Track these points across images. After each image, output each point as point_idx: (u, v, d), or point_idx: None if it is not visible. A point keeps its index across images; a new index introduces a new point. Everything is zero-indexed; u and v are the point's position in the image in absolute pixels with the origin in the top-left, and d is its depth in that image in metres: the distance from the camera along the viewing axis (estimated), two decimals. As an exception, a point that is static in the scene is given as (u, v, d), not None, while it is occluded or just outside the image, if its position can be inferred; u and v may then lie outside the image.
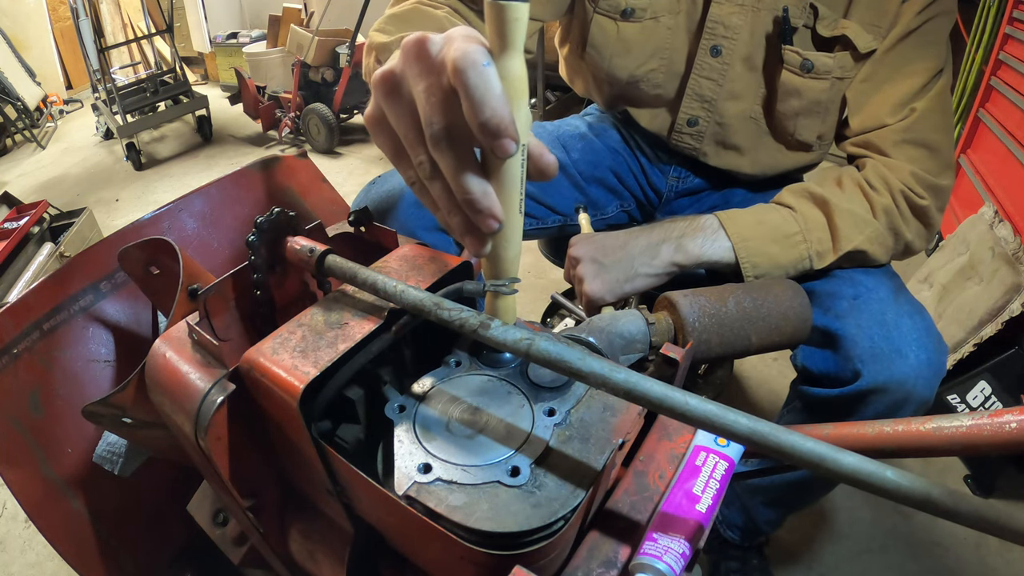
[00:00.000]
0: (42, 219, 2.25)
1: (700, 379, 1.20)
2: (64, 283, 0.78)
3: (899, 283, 0.81)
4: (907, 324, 0.72)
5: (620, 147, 1.10)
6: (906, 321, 0.72)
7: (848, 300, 0.76)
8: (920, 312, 0.75)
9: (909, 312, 0.74)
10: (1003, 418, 0.40)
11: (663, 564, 0.40)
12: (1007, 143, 1.67)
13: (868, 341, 0.71)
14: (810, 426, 0.53)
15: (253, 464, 0.54)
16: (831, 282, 0.79)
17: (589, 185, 1.08)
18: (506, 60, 0.37)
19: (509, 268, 0.45)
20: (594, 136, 1.10)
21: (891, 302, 0.75)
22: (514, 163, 0.39)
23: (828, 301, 0.77)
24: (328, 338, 0.49)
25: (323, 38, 3.28)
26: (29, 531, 1.28)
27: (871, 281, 0.78)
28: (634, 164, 1.10)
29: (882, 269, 0.82)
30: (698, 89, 0.92)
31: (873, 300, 0.75)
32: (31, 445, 0.72)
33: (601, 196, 1.10)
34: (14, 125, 3.80)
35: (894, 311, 0.73)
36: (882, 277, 0.79)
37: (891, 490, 0.33)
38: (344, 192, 1.15)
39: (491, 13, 0.36)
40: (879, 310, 0.74)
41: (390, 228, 0.64)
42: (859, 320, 0.73)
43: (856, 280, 0.78)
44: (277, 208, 0.54)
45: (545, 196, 1.05)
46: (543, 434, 0.45)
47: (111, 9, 4.52)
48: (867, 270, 0.80)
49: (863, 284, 0.78)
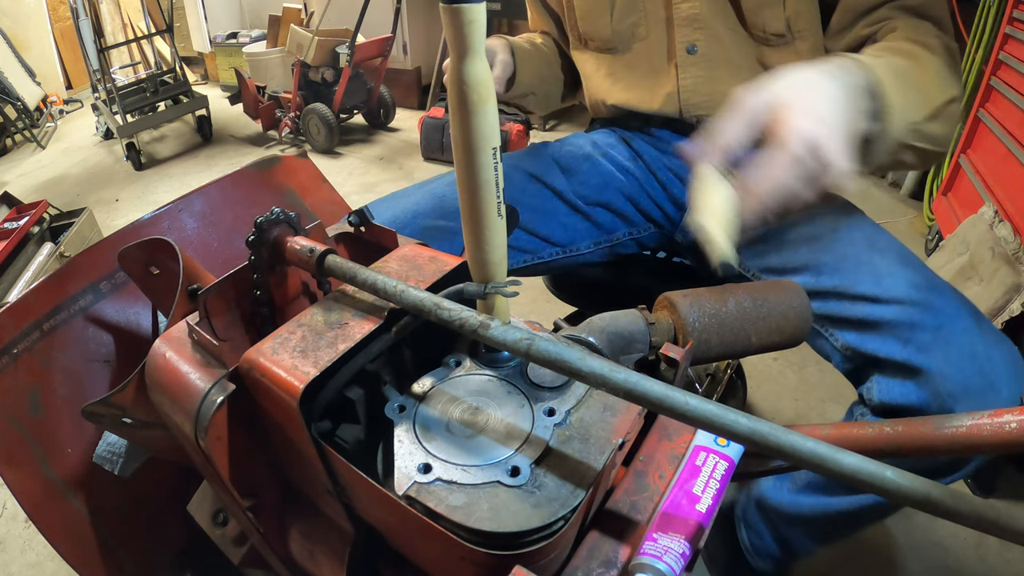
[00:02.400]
0: (42, 219, 2.25)
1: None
2: (64, 283, 0.78)
3: (974, 306, 0.74)
4: (997, 356, 0.67)
5: (631, 164, 1.00)
6: (996, 353, 0.67)
7: (931, 331, 0.69)
8: (1006, 341, 0.70)
9: (996, 342, 0.69)
10: (1003, 418, 0.40)
11: (663, 564, 0.40)
12: (1007, 143, 1.67)
13: (960, 375, 0.66)
14: (810, 426, 0.53)
15: (253, 464, 0.54)
16: (906, 310, 0.72)
17: (593, 210, 0.98)
18: (468, 64, 0.37)
19: (495, 272, 0.45)
20: (600, 156, 1.00)
21: (977, 332, 0.69)
22: (487, 168, 0.39)
23: (907, 332, 0.70)
24: (328, 338, 0.49)
25: (323, 38, 3.28)
26: (29, 531, 1.28)
27: (951, 307, 0.71)
28: (648, 181, 1.00)
29: (956, 293, 0.74)
30: (681, 13, 0.87)
31: (959, 331, 0.69)
32: (31, 445, 0.72)
33: (608, 221, 1.00)
34: (14, 125, 3.80)
35: (982, 343, 0.68)
36: (961, 301, 0.72)
37: (891, 490, 0.33)
38: (344, 192, 1.15)
39: (447, 18, 0.36)
40: (967, 342, 0.68)
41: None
42: (948, 354, 0.67)
43: (934, 307, 0.71)
44: (277, 208, 0.54)
45: (539, 226, 0.95)
46: (543, 434, 0.45)
47: (111, 9, 4.52)
48: (943, 294, 0.73)
49: (943, 312, 0.70)
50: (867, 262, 0.78)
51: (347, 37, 3.31)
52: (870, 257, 0.79)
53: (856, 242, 0.82)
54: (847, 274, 0.78)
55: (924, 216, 2.28)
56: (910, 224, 2.35)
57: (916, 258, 0.81)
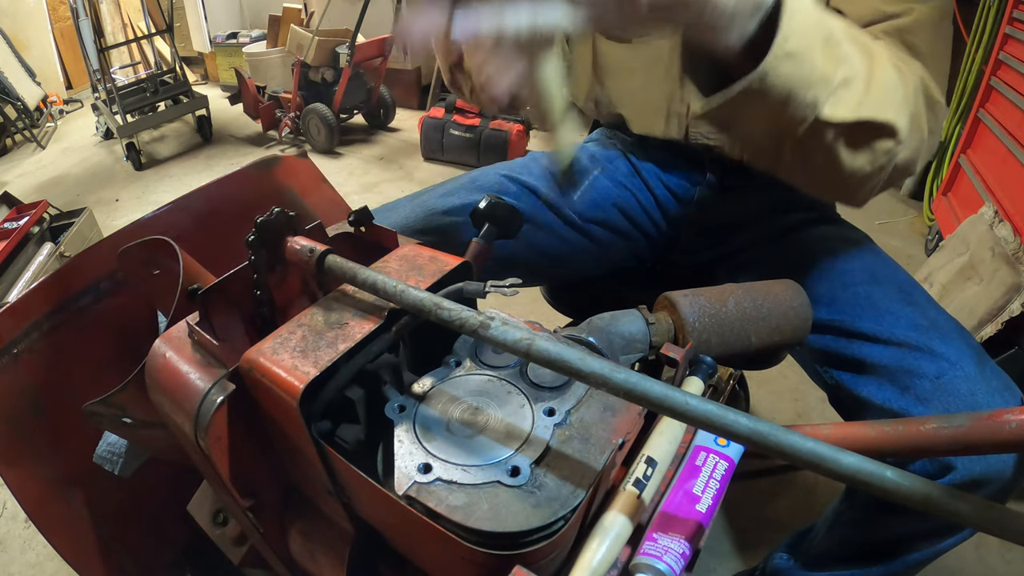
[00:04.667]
0: (42, 219, 2.25)
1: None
2: (64, 283, 0.78)
3: (979, 347, 0.70)
4: (1000, 406, 0.63)
5: (629, 180, 0.98)
6: (999, 402, 0.64)
7: (931, 380, 0.66)
8: (1009, 387, 0.66)
9: (999, 389, 0.65)
10: (1003, 418, 0.40)
11: (663, 564, 0.40)
12: (1007, 143, 1.67)
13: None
14: (810, 426, 0.53)
15: (253, 464, 0.54)
16: (906, 355, 0.68)
17: (589, 227, 0.97)
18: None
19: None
20: (598, 171, 0.98)
21: (980, 380, 0.65)
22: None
23: (906, 379, 0.67)
24: (328, 338, 0.49)
25: (323, 38, 3.28)
26: (29, 531, 1.28)
27: (953, 353, 0.67)
28: (646, 198, 0.98)
29: (960, 333, 0.71)
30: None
31: (960, 379, 0.65)
32: (31, 445, 0.72)
33: (606, 237, 0.98)
34: (14, 125, 3.80)
35: (984, 391, 0.64)
36: (963, 345, 0.68)
37: (891, 490, 0.33)
38: (344, 192, 1.15)
39: None
40: (968, 391, 0.64)
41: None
42: (948, 406, 0.64)
43: (936, 352, 0.67)
44: (277, 208, 0.54)
45: (537, 239, 0.94)
46: (543, 434, 0.45)
47: (111, 9, 4.52)
48: (945, 336, 0.68)
49: (945, 357, 0.67)
50: (866, 296, 0.74)
51: (347, 37, 3.31)
52: (870, 291, 0.74)
53: (856, 272, 0.78)
54: (845, 308, 0.74)
55: (924, 216, 2.28)
56: (910, 224, 2.35)
57: (919, 290, 0.77)
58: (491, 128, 3.05)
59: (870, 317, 0.72)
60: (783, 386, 1.63)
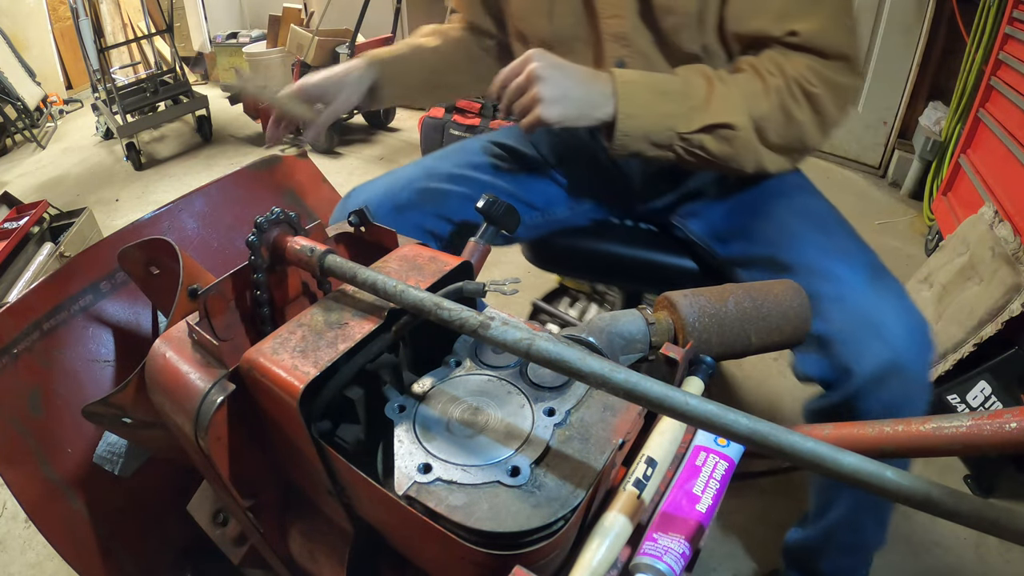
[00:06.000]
0: (42, 219, 2.25)
1: None
2: (64, 283, 0.78)
3: (874, 260, 0.80)
4: (889, 311, 0.73)
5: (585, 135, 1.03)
6: (888, 311, 0.73)
7: (831, 301, 0.74)
8: (898, 294, 0.75)
9: (887, 297, 0.74)
10: (1003, 418, 0.40)
11: (663, 564, 0.40)
12: (1007, 143, 1.67)
13: (853, 339, 0.72)
14: (810, 426, 0.53)
15: (253, 464, 0.54)
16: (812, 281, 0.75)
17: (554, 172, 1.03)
18: None
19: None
20: (559, 129, 1.05)
21: (872, 293, 0.75)
22: None
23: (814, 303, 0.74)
24: (328, 338, 0.49)
25: (323, 38, 3.28)
26: (29, 531, 1.28)
27: (847, 272, 0.77)
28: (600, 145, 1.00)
29: (862, 253, 0.80)
30: (609, 29, 0.88)
31: (857, 295, 0.75)
32: (31, 445, 0.72)
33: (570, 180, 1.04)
34: (14, 125, 3.79)
35: (874, 300, 0.74)
36: (856, 263, 0.78)
37: (891, 490, 0.33)
38: (344, 192, 1.15)
39: None
40: (861, 305, 0.74)
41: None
42: (846, 322, 0.73)
43: (833, 274, 0.77)
44: (277, 208, 0.54)
45: (519, 190, 1.00)
46: (543, 434, 0.45)
47: (111, 9, 4.52)
48: (842, 255, 0.79)
49: (840, 278, 0.76)
50: (789, 229, 0.85)
51: (347, 37, 3.31)
52: (793, 224, 0.85)
53: (788, 212, 0.88)
54: (773, 241, 0.84)
55: (924, 216, 2.28)
56: (910, 224, 2.34)
57: (837, 222, 0.87)
58: (490, 128, 3.06)
59: (787, 246, 0.83)
60: (783, 386, 1.63)
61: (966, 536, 1.20)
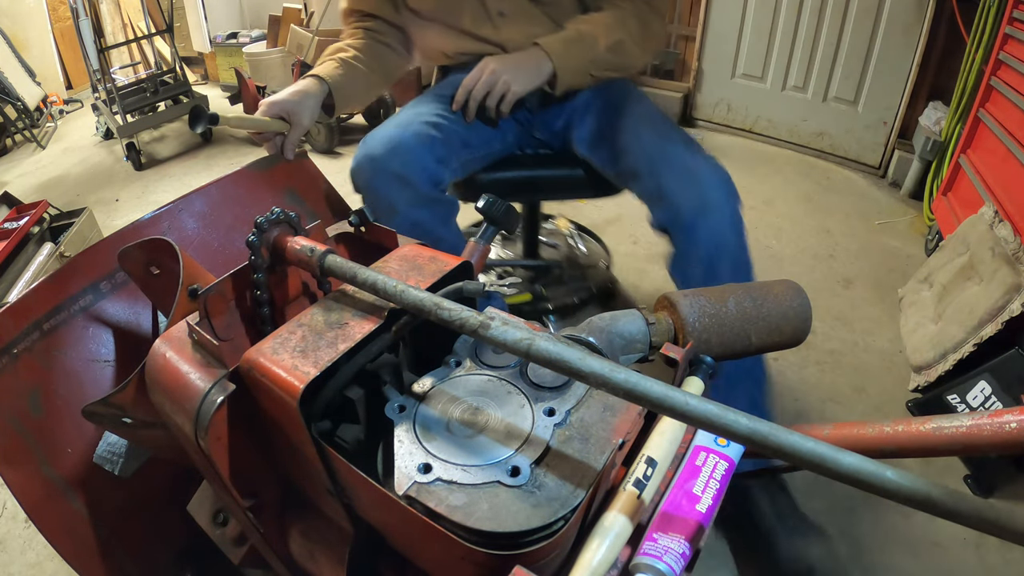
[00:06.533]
0: (42, 219, 2.25)
1: None
2: (64, 283, 0.78)
3: (688, 138, 1.07)
4: (701, 166, 0.99)
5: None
6: (700, 165, 0.99)
7: (663, 166, 1.00)
8: (706, 157, 1.01)
9: (699, 158, 1.00)
10: (1003, 418, 0.40)
11: (663, 564, 0.40)
12: (1007, 143, 1.67)
13: (679, 187, 0.97)
14: (810, 426, 0.53)
15: (253, 464, 0.54)
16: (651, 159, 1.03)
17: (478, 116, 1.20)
18: None
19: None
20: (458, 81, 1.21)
21: (688, 156, 1.01)
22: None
23: (650, 168, 1.01)
24: (328, 338, 0.49)
25: (323, 38, 3.28)
26: (29, 531, 1.28)
27: (671, 146, 1.03)
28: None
29: (675, 132, 1.08)
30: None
31: (677, 159, 1.00)
32: (31, 445, 0.72)
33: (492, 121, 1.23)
34: (14, 125, 3.79)
35: (690, 161, 1.00)
36: (677, 140, 1.04)
37: (891, 490, 0.33)
38: (344, 192, 1.15)
39: None
40: (681, 164, 0.99)
41: (397, 170, 0.97)
42: (671, 176, 0.99)
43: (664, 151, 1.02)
44: (277, 208, 0.54)
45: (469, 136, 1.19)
46: (543, 434, 0.45)
47: (111, 9, 4.52)
48: (667, 139, 1.05)
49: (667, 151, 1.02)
50: (632, 128, 1.11)
51: (347, 37, 3.30)
52: (633, 124, 1.12)
53: (626, 116, 1.15)
54: (624, 136, 1.10)
55: (924, 216, 2.28)
56: (910, 224, 2.34)
57: (660, 115, 1.15)
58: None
59: (634, 139, 1.08)
60: (783, 386, 1.63)
61: (966, 536, 1.20)
